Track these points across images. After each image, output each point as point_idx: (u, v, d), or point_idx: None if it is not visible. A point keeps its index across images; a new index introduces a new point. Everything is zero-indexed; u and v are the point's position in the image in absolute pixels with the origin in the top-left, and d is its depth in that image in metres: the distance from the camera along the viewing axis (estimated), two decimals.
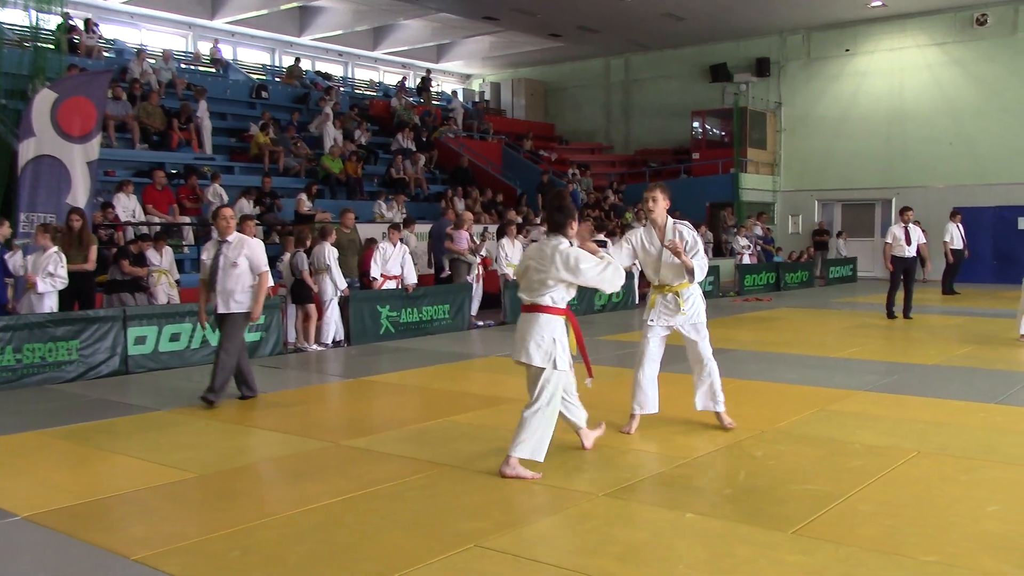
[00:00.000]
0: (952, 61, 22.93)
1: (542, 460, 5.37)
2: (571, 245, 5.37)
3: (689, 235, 6.31)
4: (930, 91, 23.24)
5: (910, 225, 13.74)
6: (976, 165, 22.55)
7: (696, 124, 26.37)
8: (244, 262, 7.72)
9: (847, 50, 24.45)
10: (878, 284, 20.65)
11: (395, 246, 12.47)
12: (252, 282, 7.82)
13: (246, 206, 14.69)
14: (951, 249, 18.39)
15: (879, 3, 22.14)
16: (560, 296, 5.34)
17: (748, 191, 24.16)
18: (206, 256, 7.94)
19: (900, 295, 13.78)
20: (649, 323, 6.45)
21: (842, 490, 5.00)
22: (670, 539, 4.29)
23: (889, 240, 13.93)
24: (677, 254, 6.15)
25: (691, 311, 6.37)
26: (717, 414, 6.57)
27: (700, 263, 6.26)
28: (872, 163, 24.04)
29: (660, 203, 6.30)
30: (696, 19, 23.54)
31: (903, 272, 13.73)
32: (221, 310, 7.80)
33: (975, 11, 22.20)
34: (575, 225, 5.44)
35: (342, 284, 11.59)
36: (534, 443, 5.30)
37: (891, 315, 13.77)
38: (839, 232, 24.15)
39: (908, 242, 13.64)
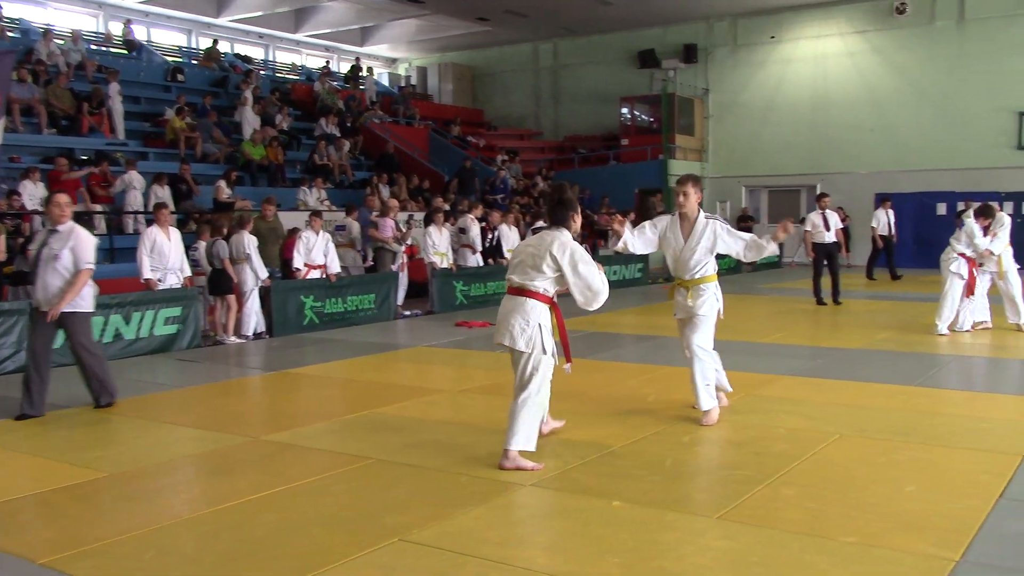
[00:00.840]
0: (873, 49, 23.44)
1: (534, 449, 5.26)
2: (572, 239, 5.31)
3: (723, 228, 6.29)
4: (852, 79, 23.73)
5: (828, 211, 13.94)
6: (897, 152, 23.13)
7: (625, 110, 26.49)
8: (68, 255, 6.95)
9: (772, 37, 24.80)
10: (804, 270, 21.04)
11: (318, 234, 12.23)
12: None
13: (160, 193, 14.25)
14: (878, 235, 18.65)
15: None
16: (550, 287, 5.24)
17: (677, 177, 24.35)
18: (32, 246, 7.35)
19: (829, 281, 13.97)
20: (675, 317, 6.54)
21: (766, 474, 5.03)
22: (597, 527, 4.26)
23: (808, 228, 14.14)
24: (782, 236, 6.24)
25: (697, 303, 6.30)
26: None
27: (749, 246, 6.31)
28: (797, 149, 24.48)
29: (692, 197, 6.25)
30: (624, 4, 23.59)
31: (826, 257, 13.93)
32: (43, 307, 6.99)
33: (894, 0, 22.71)
34: (578, 218, 5.36)
35: (263, 274, 11.32)
36: (527, 432, 5.20)
37: (820, 301, 13.89)
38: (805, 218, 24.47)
39: (827, 228, 13.82)
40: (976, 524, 4.20)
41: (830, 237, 13.86)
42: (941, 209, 22.55)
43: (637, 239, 6.38)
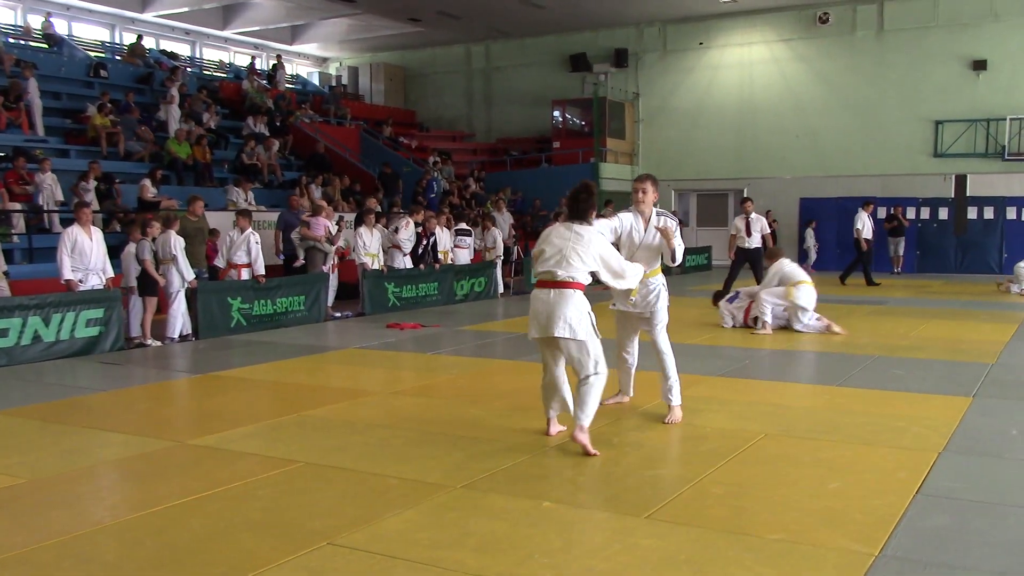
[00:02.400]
0: (797, 57, 24.03)
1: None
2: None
3: (671, 223, 6.40)
4: (778, 85, 24.29)
5: (751, 216, 13.97)
6: (820, 158, 23.75)
7: (557, 113, 26.64)
8: None
9: (701, 43, 25.24)
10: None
11: (242, 233, 12.03)
12: None
13: (82, 192, 13.85)
14: (863, 239, 18.06)
15: None
16: (586, 277, 5.58)
17: (608, 180, 24.61)
18: None
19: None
20: (611, 307, 6.65)
21: (694, 473, 5.11)
22: (526, 528, 4.27)
23: (733, 232, 14.24)
24: (667, 237, 6.23)
25: (644, 301, 6.42)
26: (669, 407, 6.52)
27: (680, 247, 6.38)
28: (725, 154, 24.96)
29: (650, 194, 6.39)
30: (555, 8, 23.75)
31: (748, 262, 13.94)
32: None
33: (818, 10, 23.32)
34: (594, 214, 5.71)
35: (189, 275, 11.07)
36: (594, 408, 5.53)
37: (715, 301, 13.30)
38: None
39: (748, 233, 13.85)
40: (894, 519, 4.33)
41: (752, 243, 13.87)
42: None
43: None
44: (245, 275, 11.97)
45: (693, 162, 25.45)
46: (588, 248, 5.54)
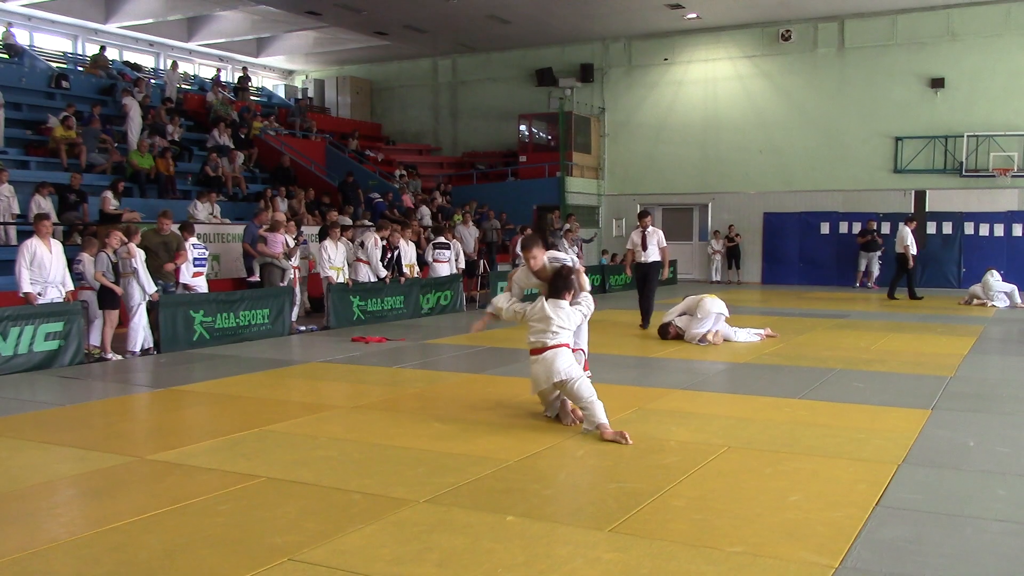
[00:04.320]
0: (760, 73, 24.33)
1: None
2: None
3: (569, 260, 7.16)
4: (741, 101, 24.56)
5: (648, 230, 13.32)
6: (783, 173, 24.04)
7: (523, 127, 26.76)
8: None
9: (665, 59, 25.47)
10: (698, 286, 21.65)
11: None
12: None
13: (43, 203, 13.66)
14: (911, 254, 18.05)
15: (694, 15, 23.18)
16: (570, 336, 6.82)
17: (574, 194, 24.74)
18: None
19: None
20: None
21: (657, 486, 5.12)
22: (489, 543, 4.26)
23: (629, 246, 13.68)
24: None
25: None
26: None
27: (584, 308, 7.02)
28: (689, 169, 25.18)
29: (540, 258, 6.90)
30: (521, 23, 23.88)
31: (644, 278, 13.40)
32: None
33: (780, 27, 23.65)
34: (569, 296, 6.82)
35: (150, 288, 10.94)
36: (601, 412, 6.40)
37: (644, 323, 13.35)
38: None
39: (644, 247, 13.28)
40: (854, 531, 4.38)
41: (648, 257, 13.30)
42: (824, 228, 23.56)
43: (508, 296, 7.17)
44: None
45: (658, 176, 25.65)
46: (568, 319, 6.77)
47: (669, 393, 8.08)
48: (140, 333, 10.90)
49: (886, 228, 22.76)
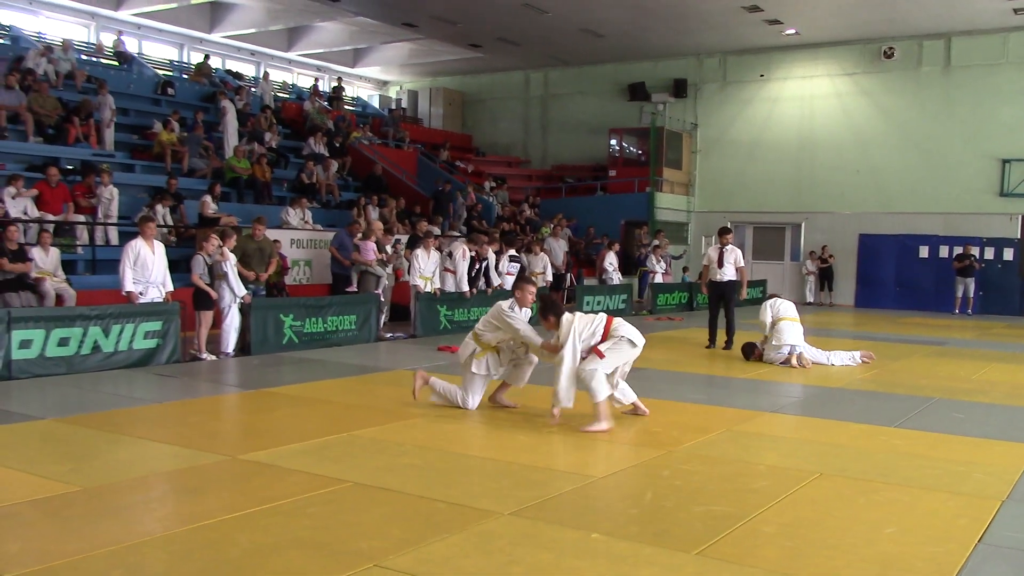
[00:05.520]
0: (860, 91, 23.73)
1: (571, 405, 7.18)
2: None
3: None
4: (839, 119, 23.98)
5: (727, 248, 12.73)
6: (881, 194, 23.36)
7: (613, 142, 26.64)
8: None
9: (761, 75, 25.06)
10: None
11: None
12: None
13: (159, 211, 14.19)
14: None
15: (792, 31, 22.76)
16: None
17: (663, 210, 24.50)
18: None
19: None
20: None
21: (745, 511, 5.00)
22: (574, 559, 4.21)
23: (704, 262, 13.12)
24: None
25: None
26: None
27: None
28: (782, 187, 24.68)
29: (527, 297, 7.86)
30: (615, 37, 23.81)
31: (719, 298, 12.85)
32: None
33: (883, 44, 23.01)
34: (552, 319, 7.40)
35: (240, 291, 11.20)
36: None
37: (711, 344, 12.92)
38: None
39: (720, 265, 12.67)
40: (955, 569, 4.19)
41: (724, 275, 12.71)
42: (923, 252, 22.78)
43: None
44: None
45: (749, 194, 25.21)
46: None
47: (757, 416, 7.90)
48: (232, 335, 11.17)
49: (989, 253, 21.91)
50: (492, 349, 7.68)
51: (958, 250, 21.68)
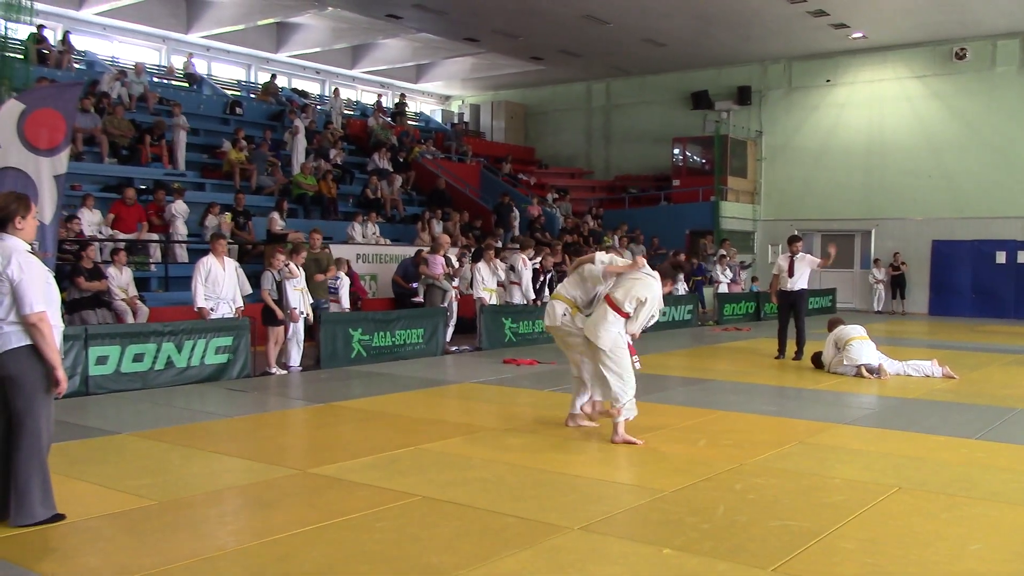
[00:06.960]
0: (932, 94, 23.14)
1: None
2: None
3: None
4: (909, 123, 23.41)
5: (797, 256, 12.47)
6: (954, 198, 22.70)
7: (677, 151, 26.42)
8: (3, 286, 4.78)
9: (828, 80, 24.63)
10: (859, 315, 20.64)
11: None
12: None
13: (214, 223, 14.46)
14: None
15: (860, 35, 22.32)
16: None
17: (728, 219, 24.18)
18: None
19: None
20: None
21: (822, 526, 4.86)
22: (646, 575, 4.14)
23: (775, 271, 12.89)
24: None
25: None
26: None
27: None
28: (851, 194, 24.15)
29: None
30: (677, 45, 23.64)
31: (789, 307, 12.55)
32: None
33: (954, 45, 22.43)
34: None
35: (300, 307, 11.30)
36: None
37: (780, 354, 12.61)
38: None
39: (791, 274, 12.38)
40: None
41: (795, 284, 12.42)
42: (1000, 258, 22.07)
43: None
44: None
45: (817, 202, 24.74)
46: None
47: (831, 428, 7.70)
48: (297, 349, 11.30)
49: None
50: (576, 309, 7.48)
51: None
